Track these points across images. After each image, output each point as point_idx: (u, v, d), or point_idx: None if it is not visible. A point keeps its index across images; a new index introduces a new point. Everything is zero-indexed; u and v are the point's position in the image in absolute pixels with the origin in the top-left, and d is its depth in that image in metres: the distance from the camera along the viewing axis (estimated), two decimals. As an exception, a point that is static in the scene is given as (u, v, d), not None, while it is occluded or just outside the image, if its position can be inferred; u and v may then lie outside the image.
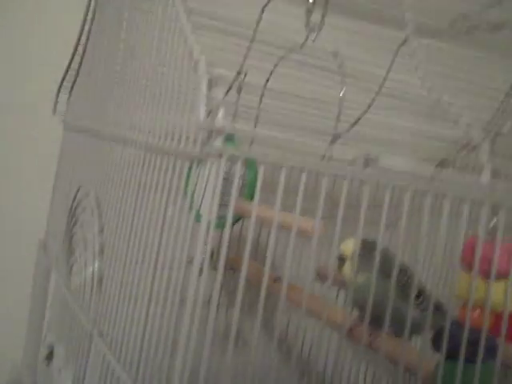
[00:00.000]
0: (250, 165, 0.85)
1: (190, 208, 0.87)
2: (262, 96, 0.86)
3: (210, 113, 0.40)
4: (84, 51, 0.87)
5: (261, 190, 0.48)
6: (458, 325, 0.54)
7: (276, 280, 0.84)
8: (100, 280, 0.58)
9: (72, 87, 0.91)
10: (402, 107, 0.49)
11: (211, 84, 0.40)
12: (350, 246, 0.68)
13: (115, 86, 0.68)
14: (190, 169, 0.85)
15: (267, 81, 0.86)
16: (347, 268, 0.68)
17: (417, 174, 0.44)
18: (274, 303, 0.98)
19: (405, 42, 0.64)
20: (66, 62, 0.89)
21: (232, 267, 0.96)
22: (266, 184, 0.81)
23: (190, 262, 0.79)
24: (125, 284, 0.52)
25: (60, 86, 0.91)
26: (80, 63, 0.88)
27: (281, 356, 0.96)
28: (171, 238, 0.45)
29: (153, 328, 0.47)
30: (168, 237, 0.45)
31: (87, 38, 0.85)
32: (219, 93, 0.40)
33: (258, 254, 0.96)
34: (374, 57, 0.57)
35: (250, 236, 0.43)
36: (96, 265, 0.59)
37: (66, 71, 0.89)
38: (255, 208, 0.77)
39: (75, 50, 0.87)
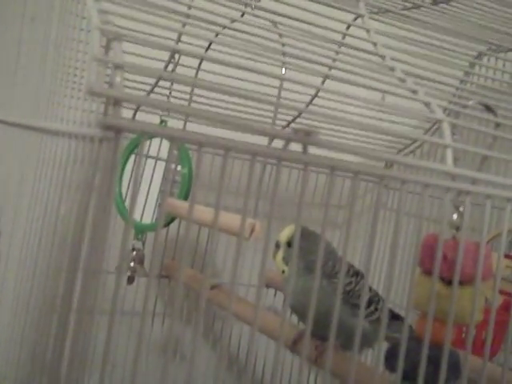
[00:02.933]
0: (184, 160, 0.77)
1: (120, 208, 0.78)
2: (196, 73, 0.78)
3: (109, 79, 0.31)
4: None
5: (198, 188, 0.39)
6: (415, 340, 0.45)
7: (214, 287, 0.76)
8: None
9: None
10: (358, 80, 0.41)
11: (108, 42, 0.31)
12: (285, 233, 0.60)
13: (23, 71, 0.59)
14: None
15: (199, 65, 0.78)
16: (279, 256, 0.60)
17: (373, 157, 0.36)
18: (213, 312, 0.90)
19: (357, 17, 0.57)
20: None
21: (167, 274, 0.88)
22: (204, 182, 0.72)
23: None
24: (18, 299, 0.42)
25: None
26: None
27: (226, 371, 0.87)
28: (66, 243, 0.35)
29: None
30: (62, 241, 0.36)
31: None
32: (117, 52, 0.31)
33: (196, 258, 0.88)
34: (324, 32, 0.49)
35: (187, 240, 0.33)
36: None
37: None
38: (186, 207, 0.68)
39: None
